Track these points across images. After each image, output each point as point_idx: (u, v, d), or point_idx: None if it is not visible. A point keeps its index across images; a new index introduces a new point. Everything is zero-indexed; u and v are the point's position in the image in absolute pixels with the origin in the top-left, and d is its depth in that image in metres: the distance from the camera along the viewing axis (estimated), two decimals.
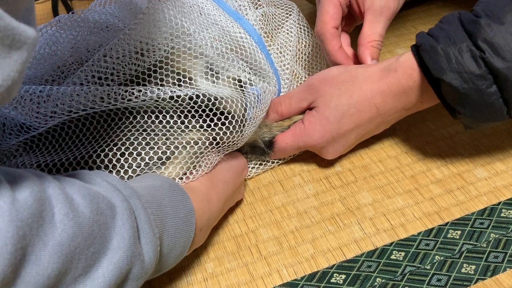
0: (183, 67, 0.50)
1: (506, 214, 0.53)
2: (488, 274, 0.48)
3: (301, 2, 0.94)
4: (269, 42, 0.65)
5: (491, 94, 0.48)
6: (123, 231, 0.36)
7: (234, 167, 0.54)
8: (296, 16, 0.68)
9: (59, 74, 0.48)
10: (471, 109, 0.50)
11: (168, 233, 0.41)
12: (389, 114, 0.57)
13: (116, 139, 0.47)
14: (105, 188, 0.37)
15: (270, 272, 0.51)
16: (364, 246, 0.52)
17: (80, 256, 0.32)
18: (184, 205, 0.44)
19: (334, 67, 0.60)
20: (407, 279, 0.48)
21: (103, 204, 0.35)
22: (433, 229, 0.53)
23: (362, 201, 0.57)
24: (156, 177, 0.46)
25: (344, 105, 0.56)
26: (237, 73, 0.53)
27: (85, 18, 0.51)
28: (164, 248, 0.41)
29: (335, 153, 0.59)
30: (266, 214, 0.57)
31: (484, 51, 0.47)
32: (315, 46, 0.69)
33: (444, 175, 0.59)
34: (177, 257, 0.44)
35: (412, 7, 0.90)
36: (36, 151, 0.46)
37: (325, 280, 0.49)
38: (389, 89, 0.55)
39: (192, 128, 0.48)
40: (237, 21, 0.59)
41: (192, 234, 0.44)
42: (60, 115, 0.43)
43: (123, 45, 0.45)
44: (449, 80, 0.49)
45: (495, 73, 0.47)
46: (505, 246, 0.50)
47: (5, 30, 0.26)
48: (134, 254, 0.36)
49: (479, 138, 0.63)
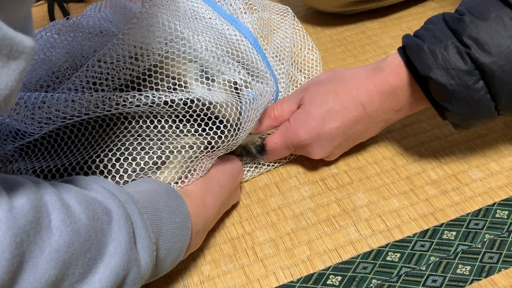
0: (177, 71, 0.50)
1: (501, 214, 0.54)
2: (483, 274, 0.48)
3: (296, 4, 0.94)
4: (265, 46, 0.65)
5: (478, 89, 0.49)
6: (120, 237, 0.36)
7: (229, 171, 0.55)
8: (291, 20, 0.69)
9: (54, 79, 0.48)
10: (459, 106, 0.50)
11: (164, 238, 0.42)
12: (377, 115, 0.57)
13: (111, 145, 0.47)
14: (101, 194, 0.38)
15: (267, 274, 0.51)
16: (360, 248, 0.52)
17: (77, 262, 0.33)
18: (180, 210, 0.44)
19: (324, 73, 0.61)
20: (403, 280, 0.49)
21: (100, 210, 0.36)
22: (428, 230, 0.53)
23: (358, 203, 0.57)
24: (152, 182, 0.46)
25: (329, 102, 0.56)
26: (232, 76, 0.53)
27: (80, 23, 0.51)
28: (161, 253, 0.41)
29: (322, 152, 0.58)
30: (262, 216, 0.57)
31: (469, 47, 0.48)
32: (311, 49, 0.70)
33: (439, 176, 0.59)
34: (173, 262, 0.44)
35: (407, 8, 0.90)
36: (32, 157, 0.46)
37: (321, 282, 0.49)
38: (376, 87, 0.55)
39: (187, 133, 0.48)
40: (232, 23, 0.60)
41: (188, 238, 0.45)
42: (55, 121, 0.43)
43: (117, 50, 0.45)
44: (436, 77, 0.49)
45: (482, 68, 0.48)
46: (500, 246, 0.50)
47: (3, 40, 0.26)
48: (131, 260, 0.36)
49: (473, 139, 0.63)
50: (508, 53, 0.47)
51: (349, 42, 0.84)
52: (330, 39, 0.85)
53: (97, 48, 0.49)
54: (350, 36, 0.86)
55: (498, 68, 0.47)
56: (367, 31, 0.86)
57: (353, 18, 0.89)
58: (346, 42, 0.84)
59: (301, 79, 0.69)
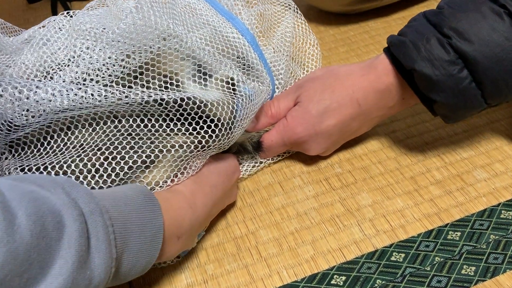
0: (169, 69, 0.50)
1: (506, 215, 0.53)
2: (488, 275, 0.48)
3: (299, 4, 0.94)
4: (264, 41, 0.65)
5: (463, 78, 0.50)
6: (67, 256, 0.34)
7: (223, 170, 0.54)
8: (293, 13, 0.68)
9: (45, 75, 0.48)
10: (446, 96, 0.51)
11: (129, 252, 0.40)
12: (372, 112, 0.58)
13: (100, 144, 0.46)
14: (62, 202, 0.35)
15: (270, 274, 0.51)
16: (364, 248, 0.52)
17: (11, 283, 0.30)
18: (153, 223, 0.42)
19: (319, 69, 0.62)
20: (407, 280, 0.48)
21: (50, 225, 0.33)
22: (433, 231, 0.53)
23: (362, 203, 0.57)
24: (132, 188, 0.44)
25: (327, 100, 0.57)
26: (228, 73, 0.53)
27: (74, 20, 0.51)
28: (123, 267, 0.40)
29: (318, 148, 0.60)
30: (266, 216, 0.57)
31: (450, 37, 0.49)
32: (311, 44, 0.69)
33: (444, 176, 0.59)
34: (138, 274, 0.42)
35: (411, 7, 0.90)
36: (22, 154, 0.46)
37: (325, 281, 0.49)
38: (370, 85, 0.56)
39: (178, 132, 0.48)
40: (230, 20, 0.59)
41: (156, 253, 0.43)
42: (46, 113, 0.42)
43: (110, 47, 0.45)
44: (420, 69, 0.50)
45: (464, 56, 0.49)
46: (505, 247, 0.50)
47: None
48: (77, 280, 0.34)
49: (478, 140, 0.63)
50: (489, 41, 0.48)
51: (353, 42, 0.84)
52: (334, 39, 0.85)
53: (90, 45, 0.49)
54: (353, 36, 0.85)
55: (480, 56, 0.48)
56: (370, 31, 0.86)
57: (356, 18, 0.89)
58: (349, 42, 0.84)
59: (301, 73, 0.69)
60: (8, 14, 1.02)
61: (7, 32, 0.59)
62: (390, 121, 0.67)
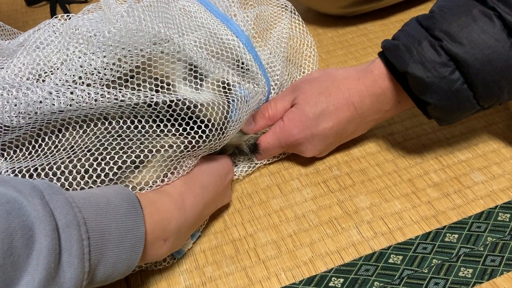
0: (160, 72, 0.50)
1: (503, 217, 0.54)
2: (486, 277, 0.48)
3: (297, 6, 0.94)
4: (261, 42, 0.65)
5: (455, 80, 0.50)
6: (35, 273, 0.33)
7: (215, 171, 0.54)
8: (289, 14, 0.68)
9: (37, 77, 0.49)
10: (439, 98, 0.52)
11: (106, 263, 0.39)
12: (368, 115, 0.58)
13: (90, 146, 0.46)
14: (36, 214, 0.35)
15: (269, 276, 0.51)
16: (362, 250, 0.52)
17: None
18: (134, 233, 0.42)
19: (315, 71, 0.63)
20: (405, 282, 0.49)
21: (19, 243, 0.33)
22: (430, 233, 0.53)
23: (360, 205, 0.57)
24: (118, 194, 0.43)
25: (323, 103, 0.57)
26: (222, 75, 0.53)
27: (68, 23, 0.51)
28: (98, 277, 0.39)
29: (314, 150, 0.60)
30: (265, 218, 0.57)
31: (441, 39, 0.50)
32: (308, 45, 0.70)
33: (441, 178, 0.59)
34: (118, 278, 0.42)
35: (408, 9, 0.90)
36: (14, 157, 0.46)
37: (323, 284, 0.49)
38: (366, 89, 0.57)
39: (168, 133, 0.48)
40: (224, 22, 0.59)
41: (136, 261, 0.42)
42: (36, 115, 0.43)
43: (102, 51, 0.46)
44: (413, 71, 0.51)
45: (456, 58, 0.50)
46: (502, 249, 0.50)
47: None
48: None
49: (475, 142, 0.63)
50: (479, 43, 0.49)
51: (351, 44, 0.84)
52: (332, 42, 0.85)
53: (82, 48, 0.49)
54: (352, 39, 0.86)
55: (471, 58, 0.49)
56: (368, 33, 0.86)
57: (354, 20, 0.89)
58: (348, 44, 0.84)
59: (297, 76, 0.69)
60: (7, 16, 1.02)
61: (6, 35, 0.59)
62: (388, 124, 0.67)
